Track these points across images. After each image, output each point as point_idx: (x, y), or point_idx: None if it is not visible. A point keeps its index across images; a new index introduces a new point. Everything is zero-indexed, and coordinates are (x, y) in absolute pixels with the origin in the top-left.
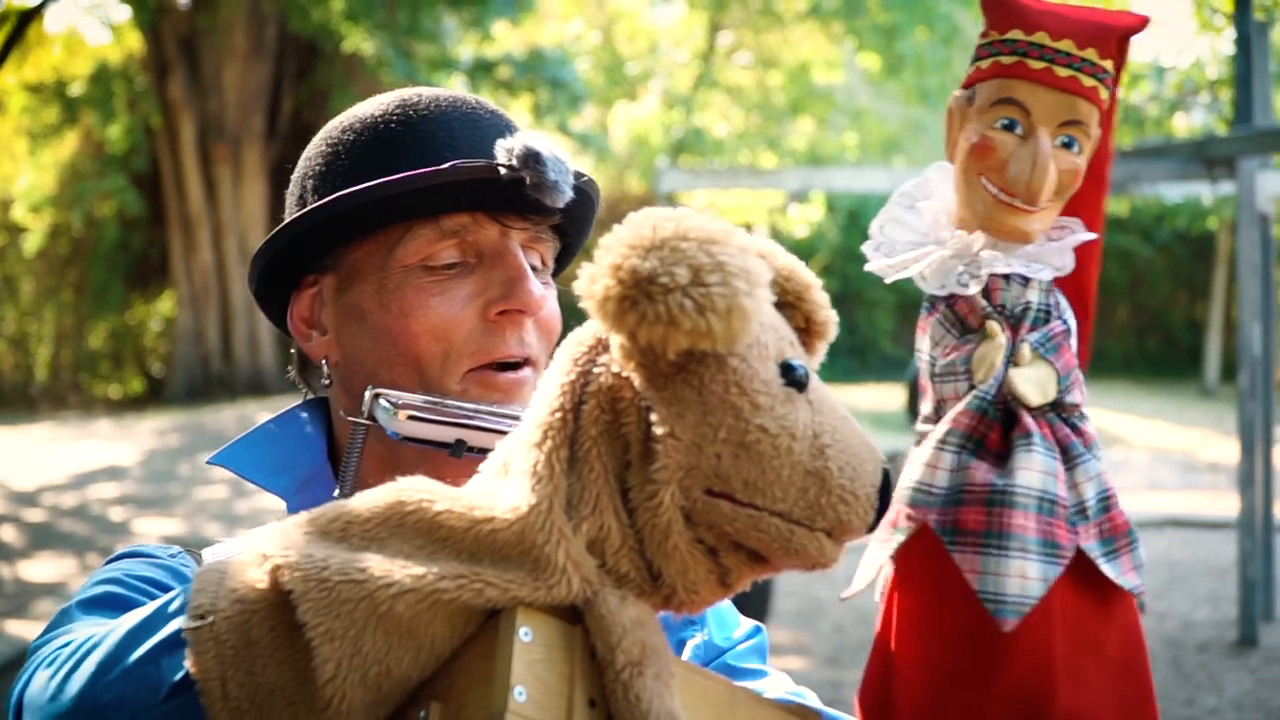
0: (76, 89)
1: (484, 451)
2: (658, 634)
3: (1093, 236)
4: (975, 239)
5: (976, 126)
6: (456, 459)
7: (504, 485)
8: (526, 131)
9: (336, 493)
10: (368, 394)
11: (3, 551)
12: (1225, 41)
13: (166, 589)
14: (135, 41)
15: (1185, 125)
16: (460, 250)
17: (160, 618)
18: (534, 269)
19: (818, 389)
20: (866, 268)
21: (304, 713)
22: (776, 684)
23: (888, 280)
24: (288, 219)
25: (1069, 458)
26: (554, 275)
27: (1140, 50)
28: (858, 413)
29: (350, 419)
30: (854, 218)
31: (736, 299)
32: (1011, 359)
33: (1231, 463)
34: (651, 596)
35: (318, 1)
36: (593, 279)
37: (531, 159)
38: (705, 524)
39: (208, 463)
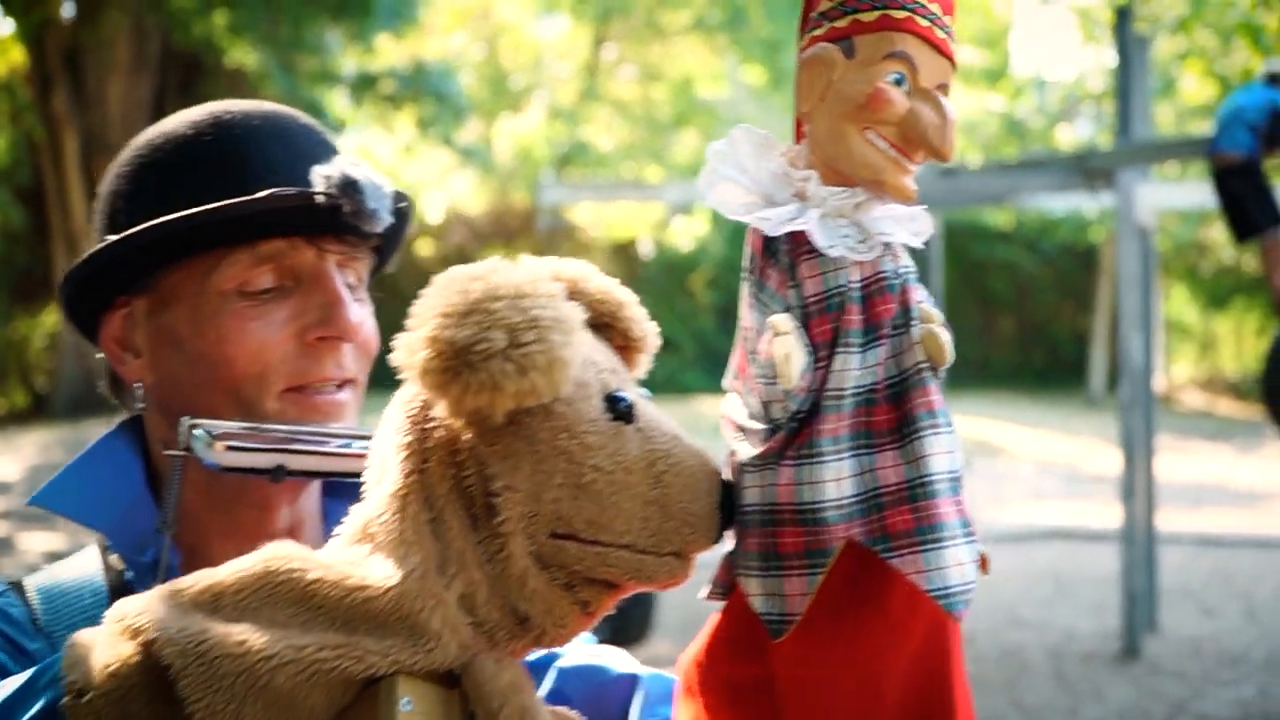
0: None
1: (305, 474)
2: (531, 695)
3: (924, 209)
4: (854, 194)
5: (862, 78)
6: (277, 484)
7: (372, 554)
8: (344, 156)
9: (159, 527)
10: (183, 425)
11: None
12: (1109, 54)
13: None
14: (18, 55)
15: (1071, 137)
16: (277, 274)
17: (31, 692)
18: (351, 285)
19: (645, 414)
20: (741, 217)
21: None
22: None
23: (773, 234)
24: (99, 240)
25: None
26: (372, 275)
27: (1024, 63)
28: None
29: (167, 452)
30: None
31: (555, 352)
32: (920, 318)
33: (1116, 473)
34: (523, 639)
35: (200, 15)
36: (410, 351)
37: (350, 188)
38: (556, 565)
39: (28, 504)
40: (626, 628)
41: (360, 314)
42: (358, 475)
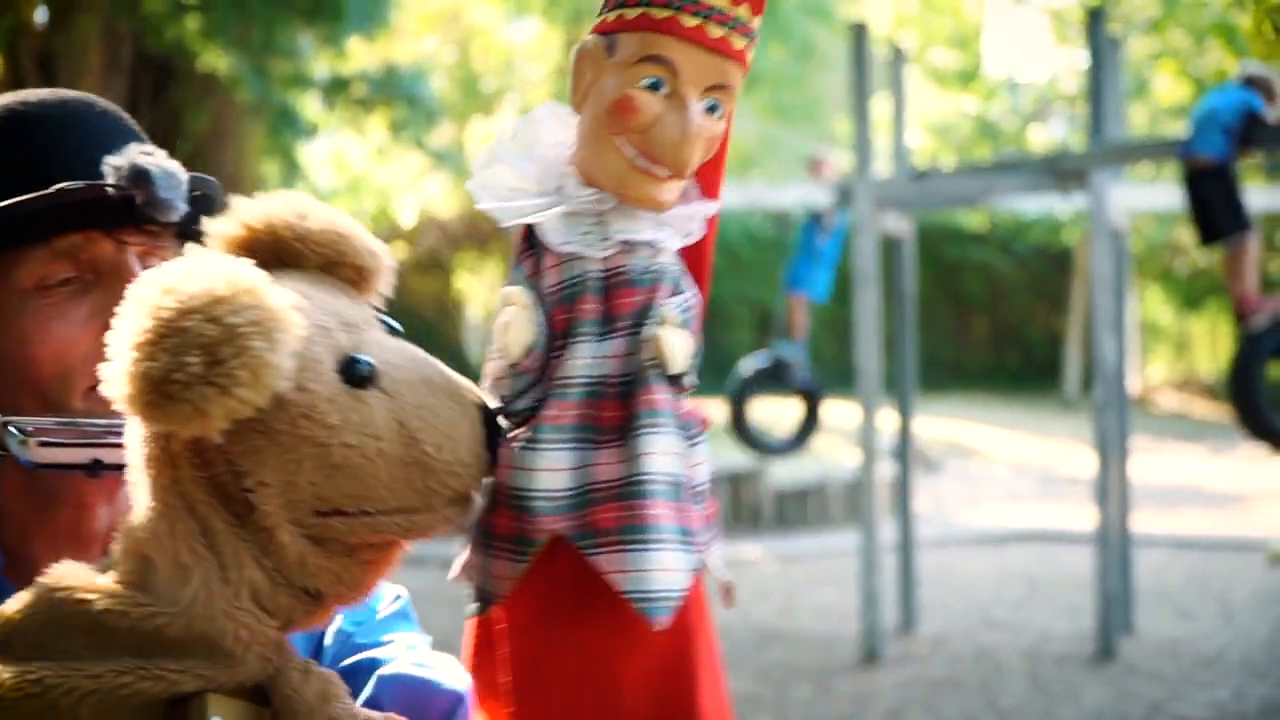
0: None
1: (121, 468)
2: (343, 702)
3: (717, 206)
4: (603, 199)
5: (616, 82)
6: (94, 478)
7: (152, 574)
8: (135, 146)
9: None
10: None
11: None
12: (1081, 55)
13: None
14: None
15: (1044, 139)
16: (76, 267)
17: None
18: None
19: (389, 367)
20: (480, 206)
21: None
22: (396, 651)
23: (504, 224)
24: None
25: (689, 436)
26: None
27: (997, 65)
28: (715, 427)
29: None
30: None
31: (260, 361)
32: (657, 318)
33: (1090, 475)
34: (323, 611)
35: (172, 20)
36: (115, 384)
37: (140, 177)
38: (331, 539)
39: None
40: None
41: None
42: None
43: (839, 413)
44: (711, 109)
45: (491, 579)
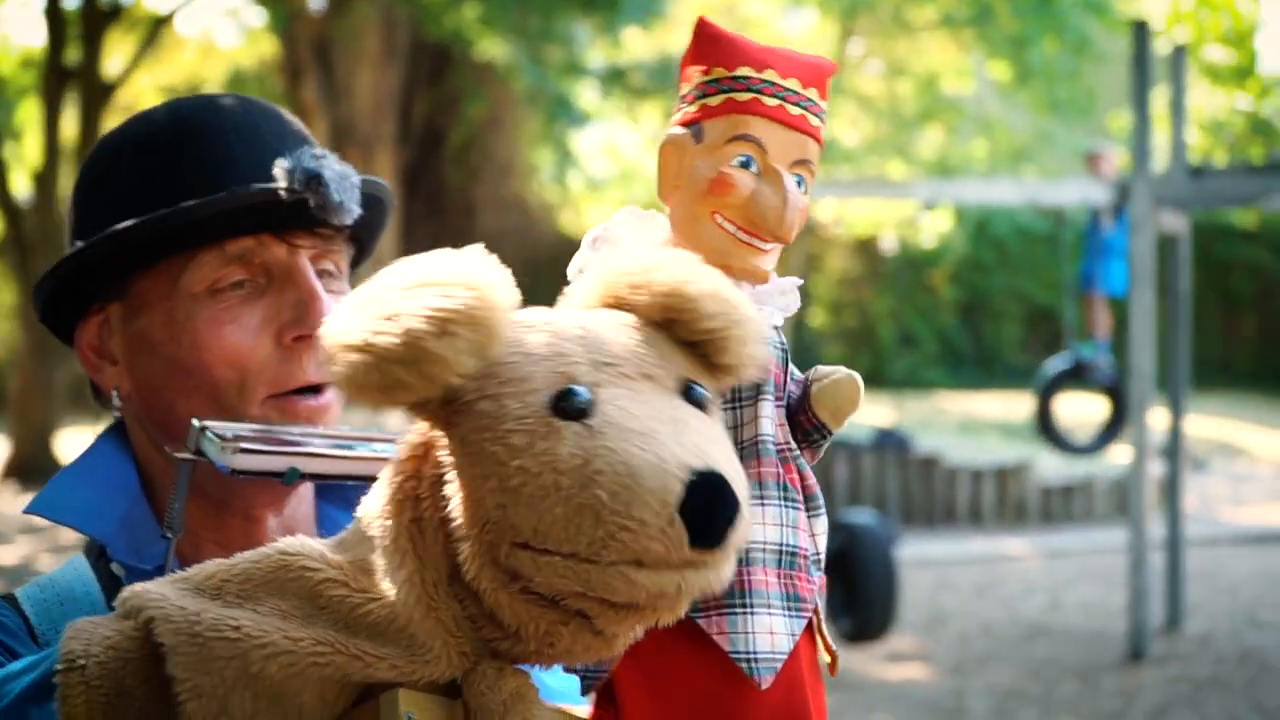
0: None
1: (318, 477)
2: (537, 703)
3: (800, 281)
4: None
5: (709, 163)
6: (288, 486)
7: (373, 559)
8: (307, 149)
9: (167, 533)
10: (193, 427)
11: None
12: None
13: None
14: (269, 45)
15: None
16: (248, 271)
17: (28, 669)
18: (329, 274)
19: (616, 410)
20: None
21: None
22: None
23: None
24: (68, 247)
25: (811, 506)
26: (355, 263)
27: (1272, 61)
28: (983, 422)
29: (177, 455)
30: (981, 228)
31: (421, 344)
32: (810, 382)
33: None
34: (521, 651)
35: (450, 7)
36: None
37: (313, 181)
38: (525, 577)
39: (24, 512)
40: (868, 623)
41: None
42: (370, 478)
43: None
44: (798, 183)
45: (775, 637)
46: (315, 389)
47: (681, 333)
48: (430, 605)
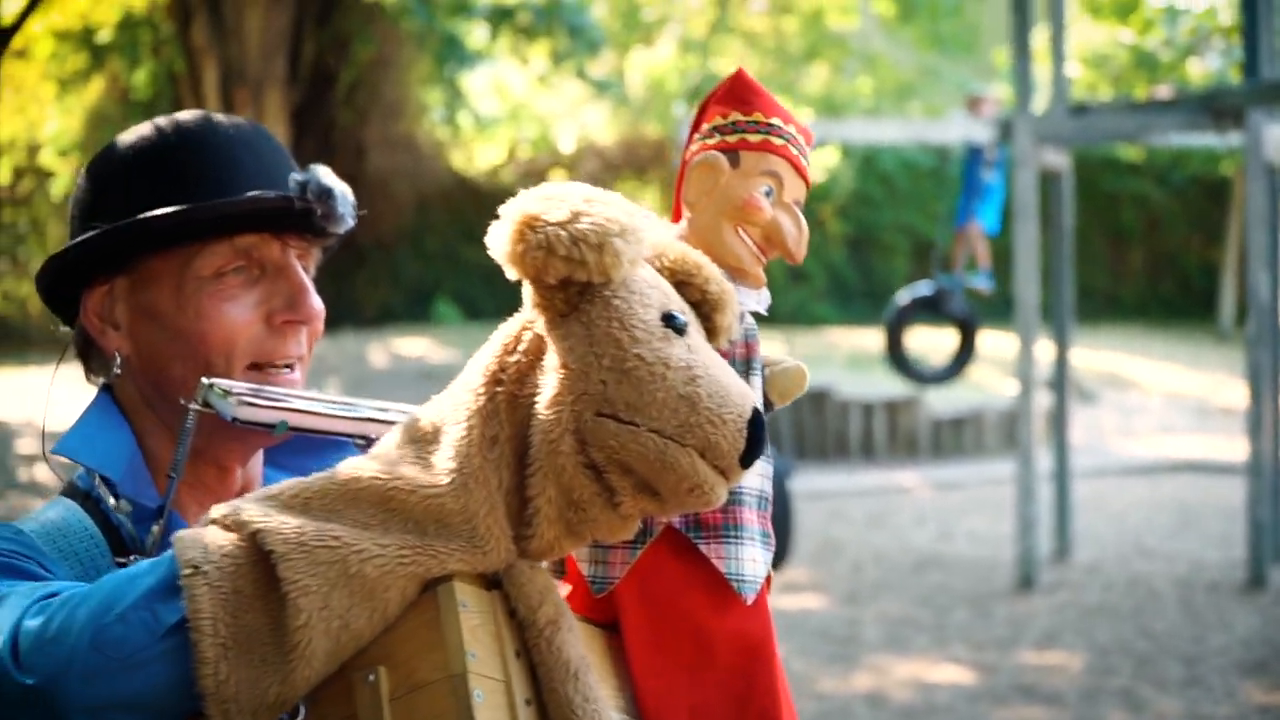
0: (103, 36)
1: (304, 431)
2: (559, 593)
3: (768, 295)
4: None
5: (744, 186)
6: (275, 436)
7: (440, 457)
8: (315, 167)
9: (171, 474)
10: (202, 383)
11: None
12: None
13: (32, 557)
14: None
15: (1201, 71)
16: (247, 263)
17: (142, 574)
18: (306, 271)
19: (698, 340)
20: None
21: (274, 654)
22: None
23: None
24: (79, 225)
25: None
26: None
27: None
28: (873, 356)
29: (190, 406)
30: (868, 163)
31: (608, 237)
32: (763, 364)
33: (1244, 407)
34: (539, 545)
35: None
36: (497, 229)
37: (326, 194)
38: (595, 444)
39: (50, 453)
40: None
41: (320, 302)
42: (348, 436)
43: (997, 343)
44: None
45: (608, 566)
46: (289, 366)
47: (692, 294)
48: (493, 506)
